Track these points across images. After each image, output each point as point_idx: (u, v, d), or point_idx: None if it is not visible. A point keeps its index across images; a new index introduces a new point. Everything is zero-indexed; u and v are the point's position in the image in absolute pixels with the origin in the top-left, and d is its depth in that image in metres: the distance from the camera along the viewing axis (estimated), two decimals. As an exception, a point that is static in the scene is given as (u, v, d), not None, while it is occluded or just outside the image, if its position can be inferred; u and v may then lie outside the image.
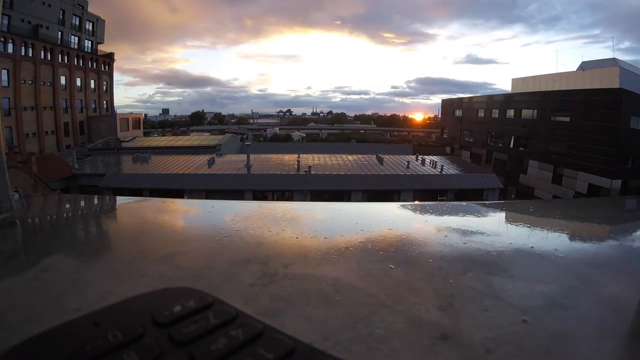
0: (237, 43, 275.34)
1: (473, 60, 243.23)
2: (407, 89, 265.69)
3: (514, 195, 25.28)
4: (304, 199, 16.46)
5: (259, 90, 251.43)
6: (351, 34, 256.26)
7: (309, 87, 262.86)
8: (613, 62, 24.78)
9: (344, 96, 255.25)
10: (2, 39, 25.90)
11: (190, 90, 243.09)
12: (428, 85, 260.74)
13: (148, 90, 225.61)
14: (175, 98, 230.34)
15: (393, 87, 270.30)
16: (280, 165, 20.99)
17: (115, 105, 38.01)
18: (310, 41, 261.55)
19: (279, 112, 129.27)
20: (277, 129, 75.04)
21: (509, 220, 0.93)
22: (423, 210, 0.96)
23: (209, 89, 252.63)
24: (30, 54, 28.31)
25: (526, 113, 26.55)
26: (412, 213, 0.94)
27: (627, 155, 20.05)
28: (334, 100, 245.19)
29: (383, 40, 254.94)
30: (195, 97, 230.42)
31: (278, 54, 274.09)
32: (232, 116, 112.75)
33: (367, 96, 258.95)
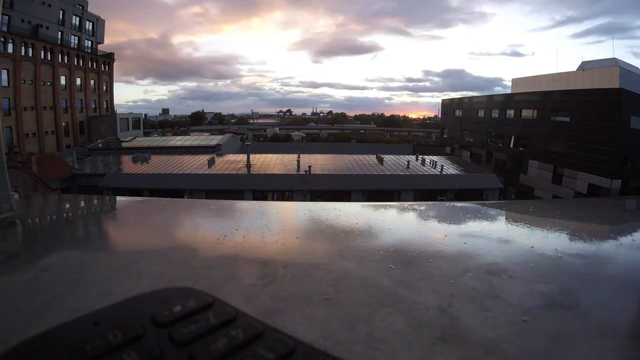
0: (226, 23, 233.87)
1: (513, 53, 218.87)
2: (427, 84, 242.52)
3: (514, 195, 25.26)
4: (304, 199, 16.47)
5: (247, 88, 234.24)
6: (366, 12, 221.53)
7: (303, 82, 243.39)
8: (613, 62, 24.74)
9: (348, 92, 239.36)
10: (2, 39, 25.89)
11: (176, 87, 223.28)
12: (454, 79, 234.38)
13: (130, 88, 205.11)
14: (160, 96, 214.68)
15: (409, 79, 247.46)
16: (280, 165, 20.99)
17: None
18: (311, 18, 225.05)
19: (278, 112, 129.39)
20: (277, 129, 75.05)
21: (509, 220, 0.93)
22: (423, 210, 0.96)
23: (195, 84, 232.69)
24: (30, 54, 28.29)
25: (526, 113, 26.54)
26: (412, 213, 0.94)
27: (627, 155, 20.05)
28: (337, 97, 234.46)
29: (410, 20, 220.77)
30: (183, 94, 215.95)
31: (275, 39, 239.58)
32: (232, 116, 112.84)
33: (378, 91, 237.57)
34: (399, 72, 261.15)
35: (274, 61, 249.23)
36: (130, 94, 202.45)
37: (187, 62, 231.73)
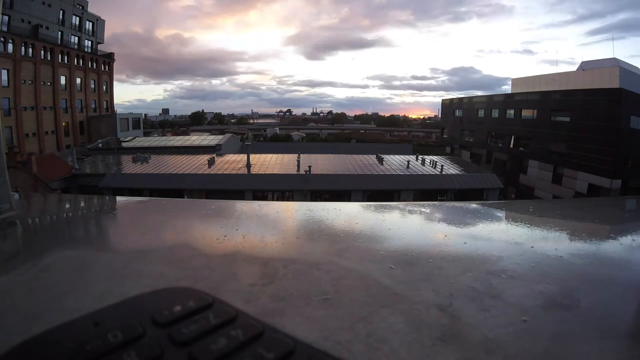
0: (222, 16, 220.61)
1: (525, 51, 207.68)
2: (432, 82, 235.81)
3: (514, 195, 25.26)
4: (304, 199, 16.46)
5: (246, 87, 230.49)
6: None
7: (302, 81, 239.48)
8: (613, 62, 24.73)
9: (349, 92, 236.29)
10: (2, 39, 25.87)
11: (171, 86, 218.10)
12: (461, 77, 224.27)
13: (124, 87, 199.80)
14: (156, 96, 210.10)
15: (414, 77, 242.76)
16: (280, 165, 20.99)
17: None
18: (313, 11, 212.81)
19: (278, 112, 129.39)
20: (277, 129, 75.04)
21: (509, 220, 0.93)
22: (423, 210, 0.96)
23: (190, 82, 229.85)
24: (30, 54, 28.28)
25: (526, 113, 26.53)
26: (412, 213, 0.94)
27: (627, 155, 20.03)
28: (337, 97, 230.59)
29: (422, 14, 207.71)
30: (179, 93, 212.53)
31: (274, 34, 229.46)
32: (232, 116, 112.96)
33: (380, 89, 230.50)
34: (404, 69, 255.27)
35: (273, 58, 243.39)
36: (124, 93, 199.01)
37: (181, 59, 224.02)
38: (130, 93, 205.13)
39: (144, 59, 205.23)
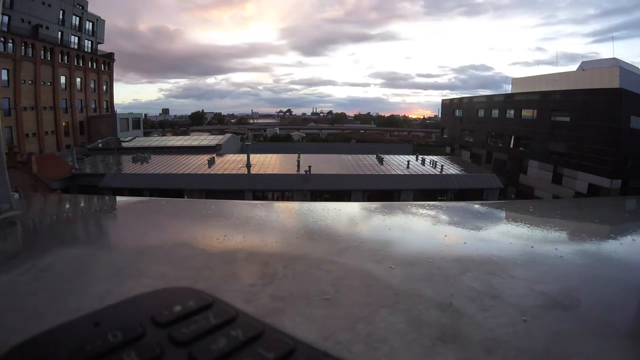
0: (217, 9, 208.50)
1: (538, 48, 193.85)
2: (437, 80, 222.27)
3: (513, 195, 25.26)
4: (304, 199, 16.45)
5: (244, 86, 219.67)
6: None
7: (303, 80, 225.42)
8: (613, 62, 24.72)
9: (350, 91, 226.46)
10: (2, 39, 25.87)
11: (168, 85, 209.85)
12: (470, 76, 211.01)
13: (119, 87, 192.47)
14: (150, 97, 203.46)
15: (419, 74, 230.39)
16: (280, 165, 20.98)
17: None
18: (316, 2, 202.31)
19: (278, 112, 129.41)
20: (277, 129, 75.04)
21: (509, 220, 0.93)
22: (423, 210, 0.96)
23: (187, 81, 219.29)
24: (30, 54, 28.27)
25: (526, 113, 26.52)
26: (412, 213, 0.94)
27: (627, 155, 20.03)
28: (338, 96, 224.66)
29: (433, 7, 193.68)
30: (175, 92, 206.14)
31: (273, 28, 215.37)
32: (232, 116, 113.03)
33: (382, 88, 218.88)
34: (409, 67, 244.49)
35: (272, 55, 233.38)
36: (118, 93, 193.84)
37: (175, 56, 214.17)
38: (127, 93, 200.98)
39: (137, 57, 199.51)
